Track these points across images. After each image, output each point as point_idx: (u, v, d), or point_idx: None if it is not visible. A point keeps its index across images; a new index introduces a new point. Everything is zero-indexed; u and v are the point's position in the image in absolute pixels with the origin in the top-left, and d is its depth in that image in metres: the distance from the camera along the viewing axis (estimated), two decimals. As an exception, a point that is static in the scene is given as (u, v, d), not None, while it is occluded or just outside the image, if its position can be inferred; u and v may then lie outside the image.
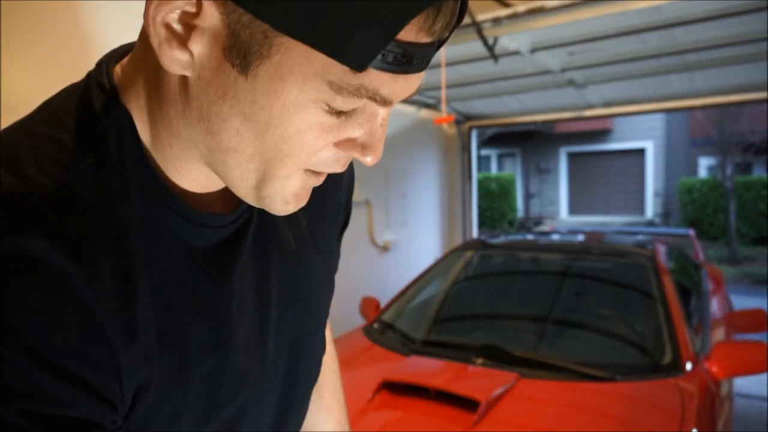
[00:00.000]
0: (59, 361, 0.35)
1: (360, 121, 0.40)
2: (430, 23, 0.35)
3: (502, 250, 2.87)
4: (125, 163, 0.41)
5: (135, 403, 0.41)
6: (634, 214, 13.78)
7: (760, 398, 3.39)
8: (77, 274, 0.37)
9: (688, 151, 13.00)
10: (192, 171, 0.44)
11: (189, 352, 0.44)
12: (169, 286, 0.43)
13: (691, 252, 3.88)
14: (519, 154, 15.60)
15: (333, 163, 0.42)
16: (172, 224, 0.44)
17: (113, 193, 0.40)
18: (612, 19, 2.36)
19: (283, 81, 0.36)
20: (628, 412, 1.64)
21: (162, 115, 0.42)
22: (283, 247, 0.54)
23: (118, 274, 0.39)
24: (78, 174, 0.39)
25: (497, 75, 3.34)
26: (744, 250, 9.89)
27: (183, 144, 0.42)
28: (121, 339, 0.39)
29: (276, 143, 0.38)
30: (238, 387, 0.49)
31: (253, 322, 0.51)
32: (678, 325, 1.97)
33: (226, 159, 0.40)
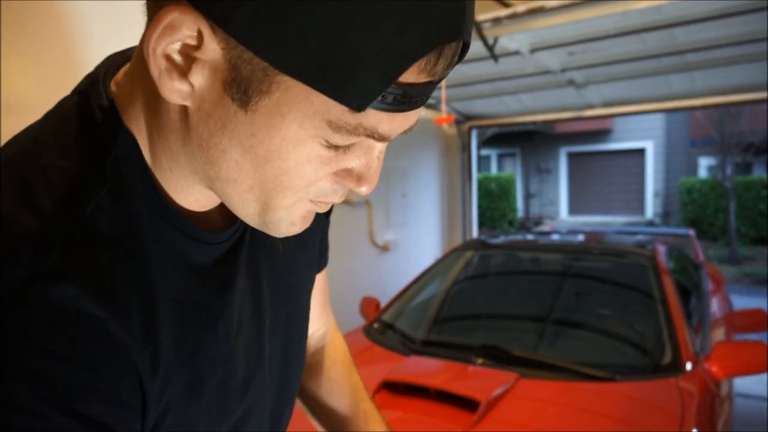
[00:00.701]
0: (91, 412, 0.35)
1: (357, 154, 0.41)
2: (432, 65, 0.35)
3: (502, 250, 2.87)
4: (134, 188, 0.41)
5: (160, 421, 0.41)
6: (634, 214, 13.78)
7: (760, 398, 3.39)
8: (108, 318, 0.36)
9: (688, 151, 13.00)
10: (193, 193, 0.45)
11: (200, 368, 0.45)
12: (179, 306, 0.43)
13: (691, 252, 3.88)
14: (519, 154, 15.60)
15: (331, 194, 0.43)
16: (179, 244, 0.44)
17: (130, 221, 0.40)
18: (612, 19, 2.36)
19: (283, 117, 0.36)
20: (628, 412, 1.64)
21: (161, 140, 0.42)
22: (272, 250, 0.55)
23: (143, 307, 0.39)
24: (96, 207, 0.38)
25: (497, 75, 3.34)
26: (744, 250, 9.89)
27: (184, 170, 0.42)
28: (149, 371, 0.39)
29: (275, 175, 0.39)
30: (243, 392, 0.50)
31: (251, 328, 0.52)
32: (678, 325, 1.97)
33: (226, 188, 0.41)
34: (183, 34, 0.35)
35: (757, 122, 10.10)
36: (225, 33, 0.34)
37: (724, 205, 10.20)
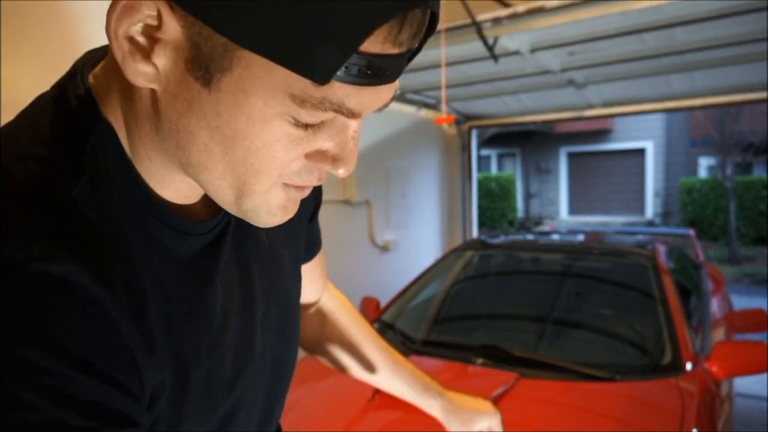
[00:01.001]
0: (104, 369, 0.36)
1: (330, 134, 0.39)
2: (395, 34, 0.34)
3: (502, 250, 2.87)
4: (113, 178, 0.41)
5: (147, 411, 0.42)
6: (634, 214, 13.78)
7: (760, 398, 3.39)
8: (102, 294, 0.37)
9: (688, 151, 13.00)
10: (174, 182, 0.44)
11: (186, 360, 0.44)
12: (163, 296, 0.43)
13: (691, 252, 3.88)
14: (519, 154, 15.60)
15: (307, 175, 0.41)
16: (161, 236, 0.43)
17: (111, 209, 0.40)
18: (612, 19, 2.36)
19: (246, 94, 0.35)
20: (628, 412, 1.64)
21: (138, 128, 0.41)
22: (258, 245, 0.55)
23: (132, 291, 0.40)
24: (77, 194, 0.38)
25: (497, 75, 3.34)
26: (744, 250, 9.89)
27: (161, 157, 0.42)
28: (144, 353, 0.40)
29: (244, 157, 0.38)
30: (231, 386, 0.50)
31: (240, 322, 0.51)
32: (678, 325, 1.97)
33: (199, 176, 0.40)
34: (143, 14, 0.35)
35: (757, 122, 10.09)
36: (183, 11, 0.34)
37: (724, 205, 10.19)
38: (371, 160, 3.61)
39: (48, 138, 0.40)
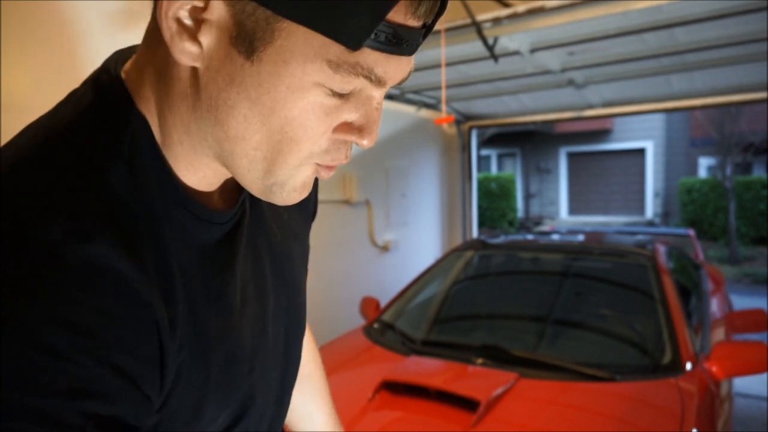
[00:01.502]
0: (119, 362, 0.37)
1: (356, 105, 0.42)
2: (416, 6, 0.38)
3: (502, 250, 2.87)
4: (146, 166, 0.43)
5: (171, 392, 0.43)
6: (634, 214, 13.78)
7: (760, 398, 3.40)
8: (136, 278, 0.38)
9: (688, 151, 13.00)
10: (201, 167, 0.46)
11: (208, 341, 0.46)
12: (188, 280, 0.45)
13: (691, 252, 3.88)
14: (519, 154, 15.60)
15: (336, 153, 0.44)
16: (186, 223, 0.45)
17: (143, 193, 0.42)
18: (612, 19, 2.36)
19: (286, 64, 0.38)
20: (628, 412, 1.64)
21: (172, 114, 0.43)
22: (271, 239, 0.57)
23: (161, 272, 0.41)
24: (116, 179, 0.41)
25: (497, 75, 3.34)
26: (744, 250, 9.89)
27: (193, 139, 0.44)
28: (168, 331, 0.41)
29: (281, 126, 0.40)
30: (247, 371, 0.51)
31: (254, 309, 0.53)
32: (678, 325, 1.97)
33: (234, 149, 0.42)
34: (197, 9, 0.38)
35: (757, 122, 10.10)
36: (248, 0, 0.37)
37: (724, 205, 10.19)
38: (371, 160, 3.61)
39: (86, 127, 0.42)
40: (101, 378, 0.35)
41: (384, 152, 3.76)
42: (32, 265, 0.35)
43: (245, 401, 0.51)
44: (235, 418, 0.51)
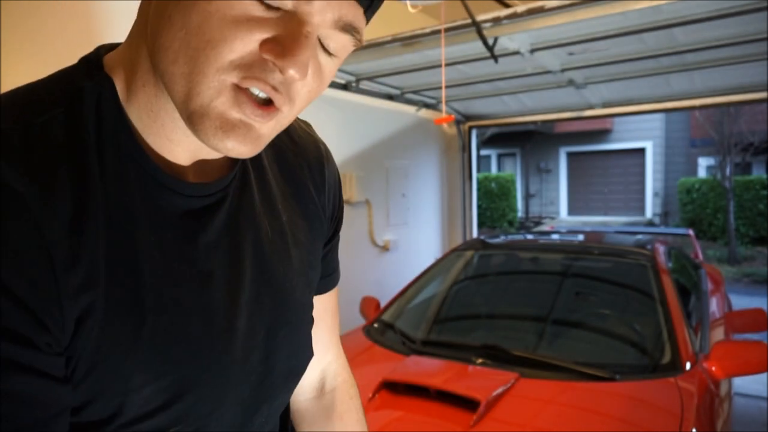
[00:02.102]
0: (2, 277, 0.36)
1: (285, 23, 0.40)
2: None
3: (502, 250, 2.87)
4: (103, 120, 0.44)
5: (78, 330, 0.41)
6: (633, 214, 13.78)
7: (759, 398, 3.40)
8: (33, 197, 0.38)
9: (688, 151, 13.00)
10: (161, 113, 0.45)
11: (138, 301, 0.44)
12: (130, 235, 0.44)
13: (691, 252, 3.88)
14: (519, 154, 15.60)
15: (259, 71, 0.40)
16: (142, 183, 0.45)
17: (84, 140, 0.43)
18: (611, 19, 2.36)
19: None
20: (627, 411, 1.65)
21: (139, 56, 0.45)
22: (259, 234, 0.54)
23: (72, 204, 0.41)
24: (49, 118, 0.42)
25: (497, 75, 3.34)
26: (743, 250, 9.89)
27: (153, 76, 0.44)
28: (64, 264, 0.40)
29: (199, 24, 0.38)
30: (197, 350, 0.48)
31: (220, 295, 0.50)
32: (677, 324, 1.97)
33: (159, 64, 0.42)
34: None
35: (756, 122, 10.10)
36: None
37: (724, 205, 10.20)
38: (371, 160, 3.61)
39: (47, 81, 0.45)
40: None
41: (384, 152, 3.76)
42: None
43: (182, 385, 0.47)
44: (167, 401, 0.46)
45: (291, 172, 0.59)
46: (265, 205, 0.55)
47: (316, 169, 0.62)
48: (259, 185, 0.55)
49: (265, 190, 0.56)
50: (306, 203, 0.61)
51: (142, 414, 0.45)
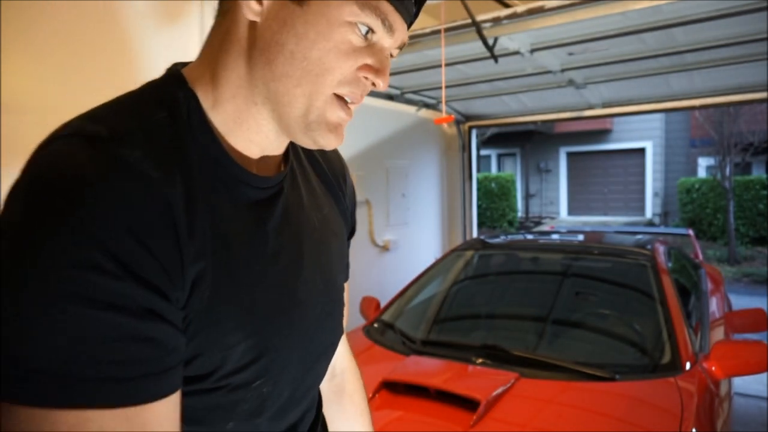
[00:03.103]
0: (143, 239, 0.44)
1: (374, 52, 0.54)
2: None
3: (502, 250, 2.88)
4: (192, 124, 0.53)
5: (192, 292, 0.49)
6: (633, 214, 13.79)
7: (759, 398, 3.40)
8: (161, 182, 0.46)
9: (688, 151, 13.00)
10: (249, 119, 0.55)
11: (236, 269, 0.53)
12: (221, 218, 0.52)
13: (691, 252, 3.88)
14: (519, 154, 15.60)
15: (356, 87, 0.55)
16: (224, 177, 0.54)
17: (181, 138, 0.51)
18: (611, 20, 2.37)
19: (328, 5, 0.51)
20: (627, 411, 1.65)
21: (227, 73, 0.55)
22: (308, 223, 0.64)
23: (185, 189, 0.49)
24: (159, 119, 0.51)
25: (497, 75, 3.34)
26: (743, 250, 9.90)
27: (246, 90, 0.54)
28: (184, 236, 0.47)
29: (320, 56, 0.52)
30: (273, 317, 0.57)
31: (287, 272, 0.59)
32: (677, 324, 1.97)
33: (279, 87, 0.53)
34: None
35: (756, 122, 10.10)
36: None
37: (724, 205, 10.20)
38: (371, 160, 3.61)
39: (145, 92, 0.55)
40: (128, 247, 0.43)
41: (384, 152, 3.76)
42: (83, 158, 0.44)
43: (263, 345, 0.55)
44: (254, 358, 0.54)
45: (324, 174, 0.72)
46: (309, 199, 0.66)
47: (340, 176, 0.75)
48: (303, 182, 0.66)
49: (308, 186, 0.67)
50: (337, 201, 0.72)
51: (235, 368, 0.53)
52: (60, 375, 0.39)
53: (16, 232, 0.41)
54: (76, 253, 0.40)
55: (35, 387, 0.39)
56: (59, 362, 0.39)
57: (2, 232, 0.42)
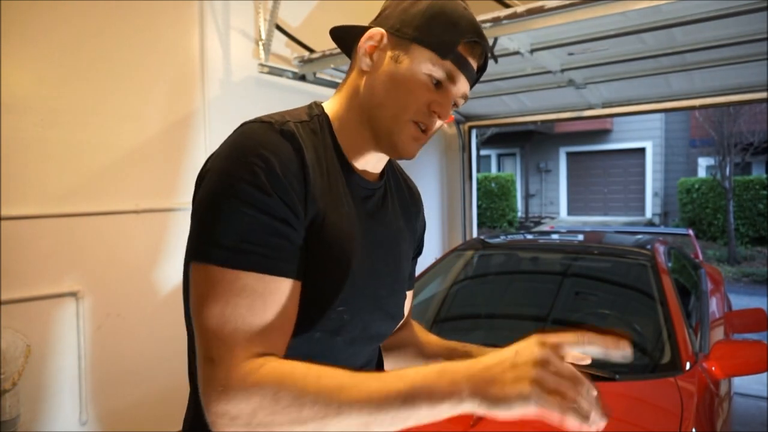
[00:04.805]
0: (287, 176, 0.68)
1: (442, 94, 0.77)
2: (471, 49, 0.78)
3: (502, 250, 2.88)
4: (323, 128, 0.79)
5: (310, 228, 0.71)
6: (633, 214, 13.79)
7: (759, 398, 3.40)
8: (302, 147, 0.72)
9: (688, 151, 13.01)
10: (355, 135, 0.80)
11: (341, 221, 0.75)
12: (336, 187, 0.76)
13: (690, 252, 3.88)
14: (519, 154, 15.60)
15: (427, 118, 0.78)
16: (344, 175, 0.79)
17: (316, 132, 0.77)
18: (611, 19, 2.37)
19: (411, 62, 0.76)
20: (627, 411, 1.65)
21: (349, 110, 0.81)
22: (393, 225, 0.88)
23: (316, 158, 0.74)
24: (304, 121, 0.77)
25: (497, 75, 3.34)
26: (743, 250, 9.90)
27: (357, 116, 0.80)
28: (312, 183, 0.71)
29: (403, 95, 0.76)
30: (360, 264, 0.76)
31: (372, 243, 0.80)
32: (677, 324, 1.97)
33: (376, 113, 0.77)
34: (374, 39, 0.78)
35: (755, 122, 10.11)
36: (392, 34, 0.78)
37: (723, 205, 10.21)
38: (371, 160, 3.60)
39: (300, 112, 0.80)
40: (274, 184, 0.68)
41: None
42: (262, 128, 0.72)
43: (352, 280, 0.74)
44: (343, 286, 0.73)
45: (404, 200, 0.95)
46: (394, 210, 0.89)
47: (415, 205, 0.99)
48: (390, 199, 0.89)
49: (394, 201, 0.90)
50: (409, 219, 0.94)
51: (328, 290, 0.73)
52: (233, 249, 0.64)
53: (220, 167, 0.68)
54: (250, 179, 0.66)
55: (220, 254, 0.64)
56: (235, 241, 0.64)
57: (213, 169, 0.69)
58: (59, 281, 2.20)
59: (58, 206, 2.18)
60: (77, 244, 2.25)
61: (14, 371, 2.00)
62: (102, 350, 2.31)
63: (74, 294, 2.23)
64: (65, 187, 2.21)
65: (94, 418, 2.30)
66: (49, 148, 2.13)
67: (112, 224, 2.36)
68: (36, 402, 2.13)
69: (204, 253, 0.65)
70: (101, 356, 2.31)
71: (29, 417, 2.10)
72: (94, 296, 2.30)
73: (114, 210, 2.36)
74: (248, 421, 0.59)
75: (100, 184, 2.32)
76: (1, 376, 1.96)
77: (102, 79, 2.32)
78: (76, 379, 2.24)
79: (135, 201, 2.43)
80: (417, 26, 0.76)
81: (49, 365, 2.17)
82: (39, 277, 2.14)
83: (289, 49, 3.21)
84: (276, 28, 2.96)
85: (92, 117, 2.28)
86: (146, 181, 2.47)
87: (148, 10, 2.48)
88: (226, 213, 0.65)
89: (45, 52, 2.17)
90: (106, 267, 2.34)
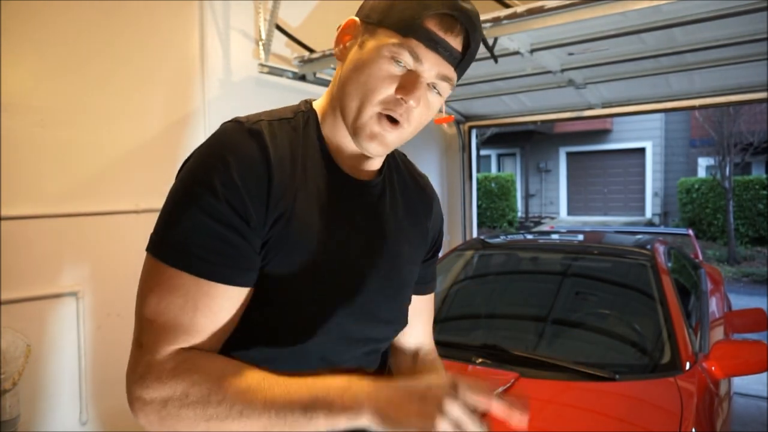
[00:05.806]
0: (243, 180, 0.67)
1: (409, 78, 0.72)
2: (440, 22, 0.70)
3: (502, 250, 2.88)
4: (308, 124, 0.78)
5: (273, 226, 0.69)
6: (633, 214, 13.79)
7: (759, 398, 3.40)
8: (268, 147, 0.70)
9: (688, 151, 13.00)
10: (346, 141, 0.77)
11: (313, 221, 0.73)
12: (314, 192, 0.74)
13: (690, 252, 3.88)
14: (519, 154, 15.60)
15: (394, 105, 0.72)
16: (324, 166, 0.76)
17: (297, 130, 0.76)
18: (611, 19, 2.37)
19: (376, 46, 0.71)
20: (627, 411, 1.65)
21: (329, 100, 0.79)
22: (389, 224, 0.83)
23: (290, 158, 0.73)
24: (283, 116, 0.77)
25: (497, 75, 3.34)
26: (743, 250, 9.90)
27: (335, 109, 0.77)
28: (277, 186, 0.70)
29: (364, 79, 0.71)
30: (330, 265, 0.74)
31: (350, 242, 0.77)
32: (677, 324, 1.97)
33: (344, 102, 0.74)
34: (348, 28, 0.76)
35: (755, 122, 10.11)
36: (362, 21, 0.75)
37: (723, 205, 10.21)
38: (371, 160, 3.60)
39: (285, 109, 0.80)
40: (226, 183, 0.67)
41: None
42: (232, 128, 0.72)
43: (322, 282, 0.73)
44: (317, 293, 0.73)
45: (411, 198, 0.90)
46: (393, 210, 0.84)
47: (427, 203, 0.94)
48: (391, 196, 0.85)
49: (394, 201, 0.85)
50: (418, 219, 0.90)
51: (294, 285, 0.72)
52: (176, 248, 0.65)
53: (188, 166, 0.70)
54: (205, 181, 0.66)
55: (164, 250, 0.66)
56: (180, 241, 0.65)
57: (184, 167, 0.71)
58: (59, 281, 2.20)
59: (58, 206, 2.18)
60: (77, 244, 2.25)
61: (14, 371, 2.00)
62: (102, 350, 2.31)
63: (74, 294, 2.23)
64: (65, 187, 2.21)
65: (94, 418, 2.30)
66: (49, 148, 2.13)
67: (112, 224, 2.36)
68: (36, 402, 2.13)
69: (153, 246, 0.67)
70: (101, 356, 2.31)
71: (29, 417, 2.10)
72: (94, 296, 2.30)
73: (114, 210, 2.36)
74: (159, 410, 0.63)
75: (99, 184, 2.32)
76: (1, 376, 1.96)
77: (102, 79, 2.32)
78: (76, 379, 2.24)
79: (135, 201, 2.43)
80: (382, 9, 0.72)
81: (49, 365, 2.17)
82: (39, 277, 2.14)
83: (289, 49, 3.21)
84: (276, 28, 2.96)
85: (92, 117, 2.28)
86: (146, 181, 2.47)
87: (147, 10, 2.48)
88: (179, 212, 0.66)
89: (44, 52, 2.17)
90: (106, 267, 2.34)
